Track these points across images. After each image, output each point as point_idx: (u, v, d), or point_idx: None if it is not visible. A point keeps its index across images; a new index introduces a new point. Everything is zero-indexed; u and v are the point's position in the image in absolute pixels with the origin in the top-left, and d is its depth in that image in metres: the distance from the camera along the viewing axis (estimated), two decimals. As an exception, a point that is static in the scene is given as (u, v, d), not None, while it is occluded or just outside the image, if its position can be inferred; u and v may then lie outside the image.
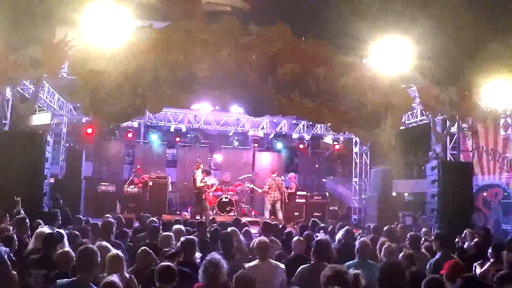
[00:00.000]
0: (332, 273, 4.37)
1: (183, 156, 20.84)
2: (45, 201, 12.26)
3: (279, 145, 21.50)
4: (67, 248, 5.82)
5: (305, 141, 21.22)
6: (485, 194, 16.23)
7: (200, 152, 20.50)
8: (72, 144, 18.90)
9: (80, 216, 11.16)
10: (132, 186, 18.02)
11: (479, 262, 6.74)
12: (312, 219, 11.86)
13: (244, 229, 9.47)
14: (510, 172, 15.14)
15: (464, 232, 9.47)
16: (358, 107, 13.11)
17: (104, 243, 6.02)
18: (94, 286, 4.56)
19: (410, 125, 16.54)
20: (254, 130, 19.85)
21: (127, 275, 5.32)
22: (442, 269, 5.73)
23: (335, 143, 21.37)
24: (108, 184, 17.95)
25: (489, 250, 6.82)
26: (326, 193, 19.95)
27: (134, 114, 12.48)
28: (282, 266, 6.19)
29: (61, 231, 6.56)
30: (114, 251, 5.59)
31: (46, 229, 6.44)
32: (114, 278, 4.39)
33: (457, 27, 12.67)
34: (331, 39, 12.98)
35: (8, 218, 8.14)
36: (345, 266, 6.07)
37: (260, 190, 18.52)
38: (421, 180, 19.53)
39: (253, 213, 18.89)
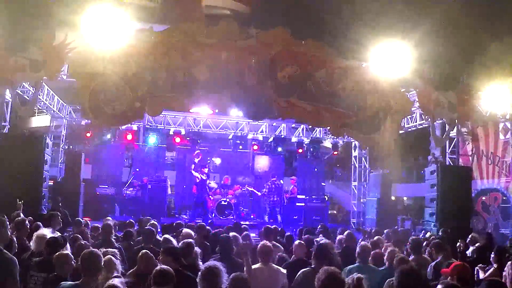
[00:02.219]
0: (327, 276, 4.35)
1: (182, 159, 20.83)
2: (44, 204, 12.24)
3: (278, 149, 21.48)
4: (67, 250, 5.79)
5: (304, 145, 21.21)
6: (484, 198, 16.24)
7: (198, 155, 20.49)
8: (71, 146, 18.87)
9: (80, 218, 11.14)
10: (131, 189, 18.00)
11: (481, 266, 6.71)
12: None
13: (244, 233, 9.44)
14: (509, 176, 15.15)
15: (470, 236, 9.45)
16: (357, 111, 13.12)
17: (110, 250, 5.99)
18: None
19: (409, 129, 16.55)
20: (254, 134, 19.83)
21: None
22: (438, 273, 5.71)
23: (334, 147, 21.38)
24: (107, 186, 17.90)
25: (492, 255, 6.80)
26: (325, 197, 19.94)
27: (133, 117, 12.44)
28: (284, 270, 6.18)
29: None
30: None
31: (46, 232, 6.41)
32: (115, 281, 4.37)
33: (456, 31, 12.72)
34: (331, 43, 13.00)
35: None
36: (346, 270, 6.09)
37: (259, 194, 18.52)
38: (420, 184, 19.54)
39: (252, 216, 18.87)
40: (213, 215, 16.98)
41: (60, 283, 4.69)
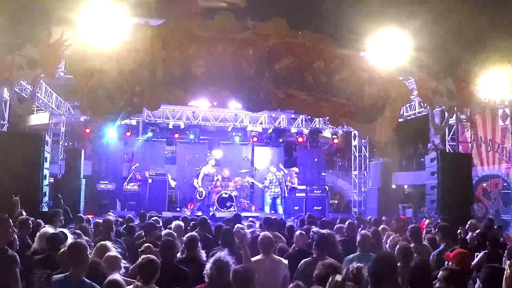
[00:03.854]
0: (324, 268, 4.40)
1: (182, 153, 20.85)
2: (45, 201, 12.26)
3: (278, 140, 21.49)
4: None
5: (304, 135, 21.21)
6: (485, 184, 16.24)
7: (199, 149, 20.52)
8: (70, 143, 18.87)
9: (81, 215, 11.17)
10: (132, 184, 18.03)
11: (481, 252, 6.74)
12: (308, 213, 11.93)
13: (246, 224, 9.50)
14: (509, 162, 15.16)
15: (469, 222, 9.48)
16: (356, 100, 13.10)
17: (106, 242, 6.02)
18: (86, 280, 4.59)
19: (408, 117, 16.54)
20: (253, 125, 19.82)
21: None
22: (445, 260, 5.74)
23: (334, 136, 21.38)
24: (107, 182, 17.93)
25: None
26: (326, 187, 19.97)
27: (132, 112, 12.45)
28: (285, 261, 6.20)
29: (65, 231, 6.57)
30: (112, 251, 5.60)
31: (49, 229, 6.42)
32: (117, 276, 4.40)
33: (454, 19, 12.66)
34: (328, 33, 12.96)
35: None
36: (346, 259, 6.12)
37: (260, 185, 18.55)
38: (420, 172, 19.56)
39: (253, 208, 18.90)
40: (214, 207, 17.03)
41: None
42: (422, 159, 18.09)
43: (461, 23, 12.34)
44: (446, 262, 5.41)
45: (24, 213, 8.55)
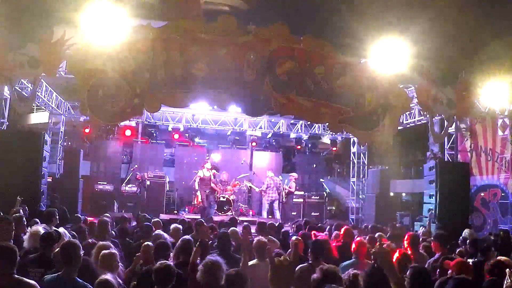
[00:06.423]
0: (323, 274, 4.38)
1: (181, 155, 20.84)
2: (42, 200, 12.24)
3: (277, 145, 21.48)
4: None
5: (303, 141, 21.21)
6: (483, 194, 16.21)
7: (197, 152, 20.51)
8: (69, 143, 18.85)
9: (78, 215, 11.14)
10: (130, 185, 18.01)
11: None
12: (305, 219, 11.89)
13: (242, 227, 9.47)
14: (508, 172, 15.15)
15: (464, 231, 9.46)
16: (356, 107, 13.10)
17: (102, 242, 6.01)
18: (78, 280, 4.57)
19: (408, 125, 16.54)
20: (252, 130, 19.80)
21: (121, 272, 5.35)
22: (440, 270, 5.72)
23: (333, 143, 21.37)
24: (105, 183, 17.90)
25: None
26: (324, 193, 19.96)
27: (132, 113, 12.45)
28: (280, 266, 6.16)
29: (63, 230, 6.55)
30: (108, 249, 5.59)
31: (40, 228, 6.40)
32: (108, 276, 4.38)
33: (455, 27, 12.71)
34: (330, 39, 12.98)
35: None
36: (341, 266, 6.10)
37: (257, 189, 18.53)
38: (418, 180, 19.55)
39: (250, 212, 18.89)
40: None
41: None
42: (421, 167, 18.06)
43: (461, 31, 12.38)
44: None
45: (21, 211, 8.52)
